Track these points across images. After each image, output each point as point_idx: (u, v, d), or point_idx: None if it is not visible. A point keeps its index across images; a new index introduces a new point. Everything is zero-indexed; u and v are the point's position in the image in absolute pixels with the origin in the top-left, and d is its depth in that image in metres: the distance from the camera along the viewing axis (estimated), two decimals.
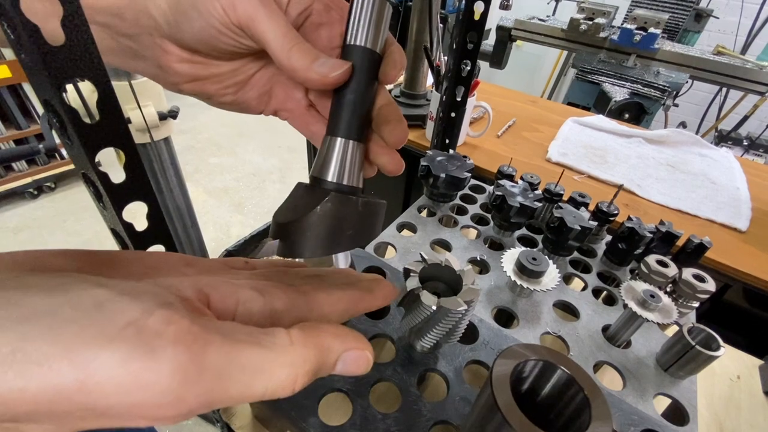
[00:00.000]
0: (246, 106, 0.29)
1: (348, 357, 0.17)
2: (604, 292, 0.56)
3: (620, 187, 0.59)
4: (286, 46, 0.22)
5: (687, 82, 1.64)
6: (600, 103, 1.64)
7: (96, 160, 0.22)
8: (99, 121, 0.22)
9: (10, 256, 0.16)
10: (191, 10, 0.22)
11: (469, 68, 0.64)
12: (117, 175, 0.25)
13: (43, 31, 0.19)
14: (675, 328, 0.53)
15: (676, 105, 1.77)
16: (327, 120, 0.27)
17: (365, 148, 0.25)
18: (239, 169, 2.63)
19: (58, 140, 0.87)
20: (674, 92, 1.63)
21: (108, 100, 0.22)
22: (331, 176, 0.23)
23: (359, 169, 0.24)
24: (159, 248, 0.31)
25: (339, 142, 0.23)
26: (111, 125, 0.23)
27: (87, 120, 0.22)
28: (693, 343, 0.42)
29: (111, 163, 0.25)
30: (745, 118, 2.21)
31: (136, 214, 0.29)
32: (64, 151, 2.21)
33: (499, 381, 0.20)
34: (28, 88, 1.96)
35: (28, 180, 2.10)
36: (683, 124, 2.25)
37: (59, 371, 0.11)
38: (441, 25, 0.87)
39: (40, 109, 2.03)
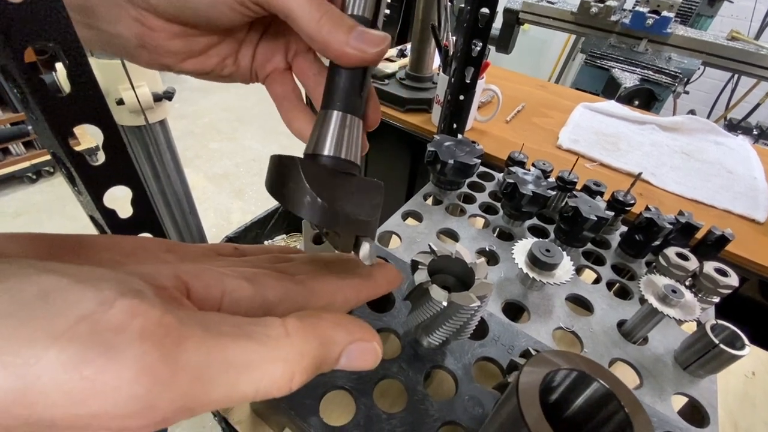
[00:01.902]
0: (240, 76, 0.26)
1: (353, 350, 0.15)
2: (617, 285, 0.54)
3: (638, 176, 0.56)
4: (315, 16, 0.19)
5: (699, 68, 1.59)
6: (609, 89, 1.59)
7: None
8: (70, 94, 0.20)
9: None
10: None
11: (479, 48, 0.61)
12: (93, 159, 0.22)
13: None
14: (693, 325, 0.50)
15: (687, 92, 1.72)
16: (296, 89, 0.25)
17: (360, 122, 0.22)
18: (239, 154, 2.59)
19: None
20: (686, 79, 1.58)
21: (80, 69, 0.19)
22: (327, 150, 0.20)
23: (357, 146, 0.21)
24: (147, 237, 0.28)
25: (335, 116, 0.20)
26: (86, 98, 0.20)
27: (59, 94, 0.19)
28: (716, 341, 0.39)
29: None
30: (757, 106, 2.16)
31: (121, 200, 0.27)
32: None
33: (527, 393, 0.17)
34: None
35: (27, 164, 2.08)
36: (692, 112, 2.20)
37: None
38: (449, 3, 0.83)
39: None
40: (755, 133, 2.14)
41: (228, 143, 2.69)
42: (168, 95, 0.75)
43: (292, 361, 0.13)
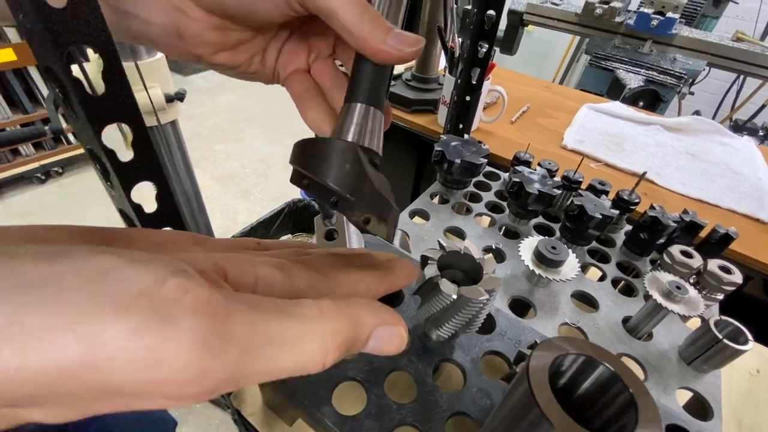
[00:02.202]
0: (264, 74, 0.27)
1: (381, 333, 0.16)
2: (622, 283, 0.54)
3: (643, 175, 0.56)
4: (357, 15, 0.20)
5: (704, 69, 1.59)
6: (613, 90, 1.60)
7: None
8: (105, 94, 0.21)
9: (2, 230, 0.14)
10: None
11: (486, 50, 0.62)
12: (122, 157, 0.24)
13: None
14: (697, 321, 0.51)
15: (692, 93, 1.72)
16: (317, 87, 0.26)
17: (386, 121, 0.24)
18: (245, 155, 2.61)
19: (64, 124, 0.86)
20: (691, 80, 1.58)
21: (114, 71, 0.21)
22: (351, 137, 0.21)
23: (379, 134, 0.22)
24: (175, 231, 0.30)
25: (359, 108, 0.21)
26: (118, 98, 0.21)
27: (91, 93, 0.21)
28: (720, 337, 0.40)
29: (115, 147, 0.24)
30: (762, 107, 2.15)
31: (144, 197, 0.28)
32: (71, 136, 2.20)
33: (537, 375, 0.18)
34: (34, 71, 1.95)
35: (36, 165, 2.10)
36: (697, 113, 2.19)
37: (63, 345, 0.10)
38: (455, 4, 0.84)
39: (46, 93, 2.02)
40: (761, 134, 2.13)
41: (234, 144, 2.71)
42: (180, 96, 0.77)
43: (326, 338, 0.14)
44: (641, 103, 1.56)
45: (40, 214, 2.02)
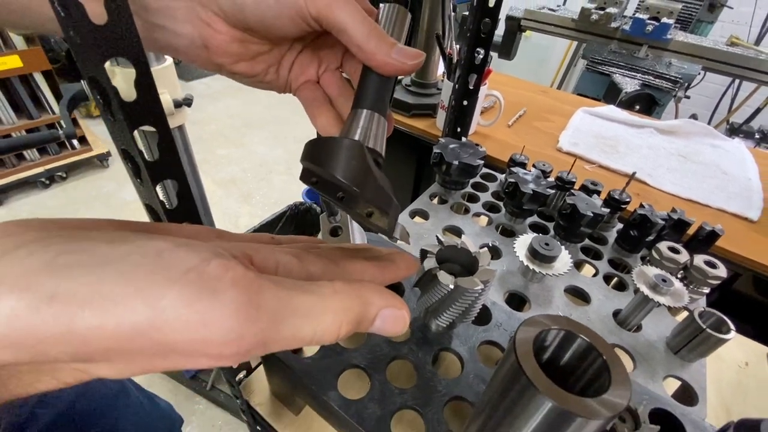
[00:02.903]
0: (278, 84, 0.30)
1: (387, 314, 0.18)
2: (615, 279, 0.57)
3: (633, 175, 0.59)
4: (365, 32, 0.23)
5: (699, 73, 1.62)
6: (610, 95, 1.63)
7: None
8: (137, 100, 0.23)
9: (49, 222, 0.16)
10: (273, 6, 0.23)
11: (482, 56, 0.64)
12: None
13: (88, 10, 0.20)
14: (685, 313, 0.53)
15: (688, 97, 1.75)
16: (325, 96, 0.29)
17: (389, 127, 0.26)
18: (246, 159, 2.64)
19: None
20: (686, 84, 1.61)
21: (145, 79, 0.23)
22: (358, 137, 0.23)
23: (382, 138, 0.25)
24: (200, 225, 0.32)
25: (365, 113, 0.24)
26: (148, 104, 0.24)
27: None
28: (704, 326, 0.42)
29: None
30: (758, 111, 2.18)
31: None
32: (75, 141, 2.23)
33: (523, 347, 0.20)
34: (39, 78, 1.98)
35: (40, 169, 2.13)
36: (694, 116, 2.22)
37: (134, 309, 0.12)
38: (453, 12, 0.87)
39: (51, 100, 2.05)
40: (757, 137, 2.16)
41: (235, 149, 2.74)
42: (187, 102, 0.79)
43: (340, 313, 0.17)
44: (637, 107, 1.58)
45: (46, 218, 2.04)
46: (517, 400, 0.21)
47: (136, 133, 0.25)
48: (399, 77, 0.27)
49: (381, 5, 0.27)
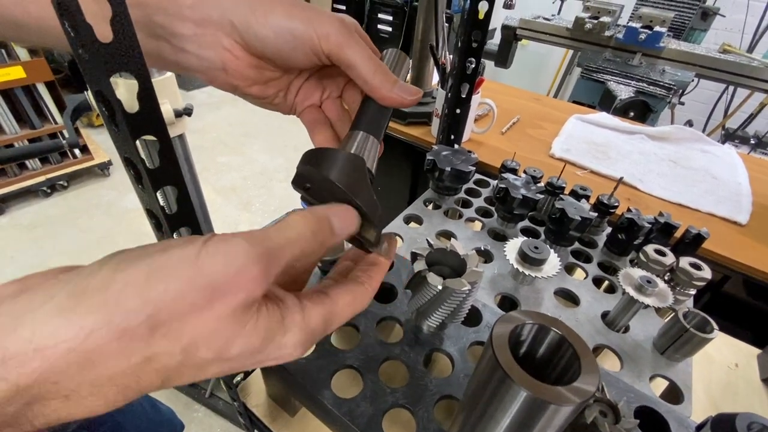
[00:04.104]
0: (285, 106, 0.33)
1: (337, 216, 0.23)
2: (606, 282, 0.58)
3: (620, 180, 0.61)
4: (372, 69, 0.27)
5: (693, 80, 1.64)
6: (605, 102, 1.65)
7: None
8: (139, 111, 0.25)
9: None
10: (286, 33, 0.26)
11: (473, 66, 0.66)
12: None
13: (95, 29, 0.21)
14: (672, 314, 0.55)
15: (682, 103, 1.77)
16: (326, 118, 0.33)
17: (379, 151, 0.29)
18: (246, 168, 2.67)
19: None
20: (680, 90, 1.63)
21: (147, 92, 0.25)
22: (355, 151, 0.26)
23: (374, 158, 0.28)
24: (186, 231, 0.33)
25: (361, 134, 0.27)
26: (149, 115, 0.26)
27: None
28: (688, 326, 0.44)
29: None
30: (752, 117, 2.20)
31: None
32: (77, 151, 2.25)
33: (499, 341, 0.22)
34: (41, 88, 2.01)
35: (42, 178, 2.15)
36: (690, 123, 2.25)
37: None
38: (446, 24, 0.89)
39: (53, 109, 2.08)
40: (752, 142, 2.18)
41: (235, 157, 2.76)
42: (188, 111, 0.81)
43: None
44: (632, 114, 1.61)
45: (47, 227, 2.06)
46: (495, 391, 0.22)
47: (138, 141, 0.26)
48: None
49: (385, 50, 0.31)
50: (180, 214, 0.31)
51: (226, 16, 0.26)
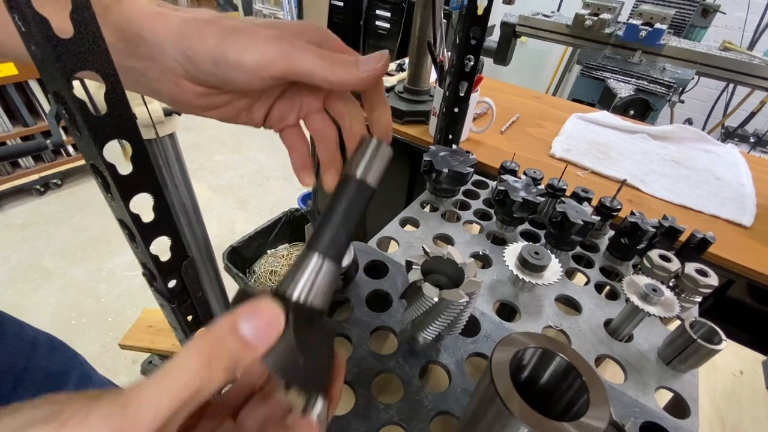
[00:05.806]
0: (253, 124, 0.31)
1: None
2: (608, 287, 0.56)
3: (623, 182, 0.59)
4: (327, 65, 0.24)
5: (693, 78, 1.62)
6: (605, 100, 1.63)
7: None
8: (107, 113, 0.23)
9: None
10: (233, 71, 0.25)
11: (472, 63, 0.64)
12: (122, 170, 0.26)
13: (53, 23, 0.19)
14: (677, 323, 0.53)
15: (682, 101, 1.76)
16: (303, 140, 0.32)
17: (338, 270, 0.24)
18: (243, 166, 2.64)
19: (64, 136, 0.88)
20: (680, 88, 1.61)
21: (115, 93, 0.23)
22: (297, 295, 0.22)
23: (327, 289, 0.23)
24: (165, 240, 0.31)
25: (315, 259, 0.23)
26: (119, 117, 0.23)
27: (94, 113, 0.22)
28: (695, 337, 0.42)
29: (115, 159, 0.26)
30: (752, 115, 2.19)
31: (142, 207, 0.30)
32: (70, 148, 2.22)
33: (499, 368, 0.20)
34: (34, 85, 1.97)
35: (35, 177, 2.12)
36: (689, 121, 2.23)
37: None
38: (444, 20, 0.87)
39: (46, 107, 2.05)
40: (752, 140, 2.17)
41: (232, 155, 2.74)
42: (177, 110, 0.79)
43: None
44: (632, 112, 1.59)
45: (41, 225, 2.03)
46: (494, 422, 0.20)
47: (116, 143, 0.24)
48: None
49: (362, 138, 0.27)
50: (157, 223, 0.29)
51: (168, 52, 0.25)
